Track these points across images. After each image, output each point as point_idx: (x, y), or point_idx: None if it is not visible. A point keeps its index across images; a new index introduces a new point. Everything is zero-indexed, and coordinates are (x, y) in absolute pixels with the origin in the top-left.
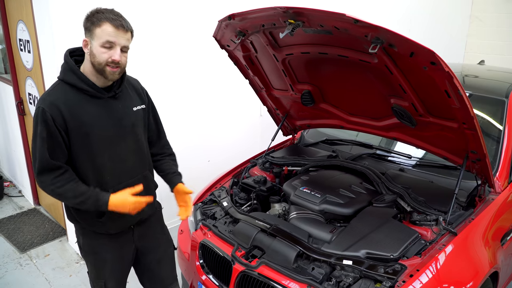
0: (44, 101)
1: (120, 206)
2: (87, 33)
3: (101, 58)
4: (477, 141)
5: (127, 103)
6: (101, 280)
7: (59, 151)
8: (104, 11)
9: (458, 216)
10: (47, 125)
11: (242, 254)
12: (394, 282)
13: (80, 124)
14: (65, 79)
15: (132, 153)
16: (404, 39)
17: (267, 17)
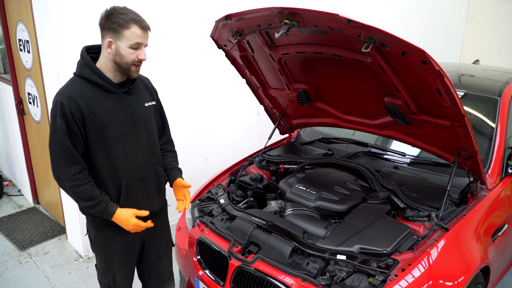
0: (62, 95)
1: (122, 222)
2: (110, 34)
3: (129, 58)
4: (469, 138)
5: (139, 99)
6: (110, 272)
7: (77, 144)
8: (127, 12)
9: (450, 212)
10: (66, 118)
11: (239, 250)
12: (386, 276)
13: (96, 117)
14: (82, 74)
15: (144, 147)
16: (395, 39)
17: (263, 17)
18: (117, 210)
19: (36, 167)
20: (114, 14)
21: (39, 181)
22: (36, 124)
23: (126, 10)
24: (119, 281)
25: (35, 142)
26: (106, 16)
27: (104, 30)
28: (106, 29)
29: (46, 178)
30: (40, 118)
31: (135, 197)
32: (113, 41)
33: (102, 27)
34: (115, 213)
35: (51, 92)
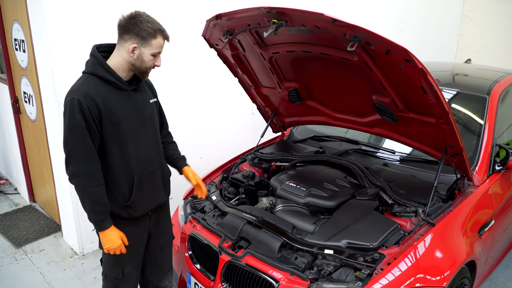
0: (78, 92)
1: (110, 239)
2: (137, 40)
3: (149, 64)
4: (454, 135)
5: (145, 96)
6: (119, 265)
7: (95, 141)
8: (153, 20)
9: (437, 208)
10: (85, 115)
11: (229, 245)
12: (372, 270)
13: (111, 114)
14: (94, 72)
15: (151, 142)
16: (379, 38)
17: (252, 17)
18: (110, 227)
19: (32, 166)
20: (142, 21)
21: (35, 179)
22: (31, 123)
23: (151, 19)
24: (128, 273)
25: (31, 141)
26: (132, 21)
27: (128, 34)
28: (132, 34)
29: (42, 177)
30: (36, 117)
31: (145, 190)
32: (137, 47)
33: (126, 30)
34: (109, 228)
35: (46, 91)
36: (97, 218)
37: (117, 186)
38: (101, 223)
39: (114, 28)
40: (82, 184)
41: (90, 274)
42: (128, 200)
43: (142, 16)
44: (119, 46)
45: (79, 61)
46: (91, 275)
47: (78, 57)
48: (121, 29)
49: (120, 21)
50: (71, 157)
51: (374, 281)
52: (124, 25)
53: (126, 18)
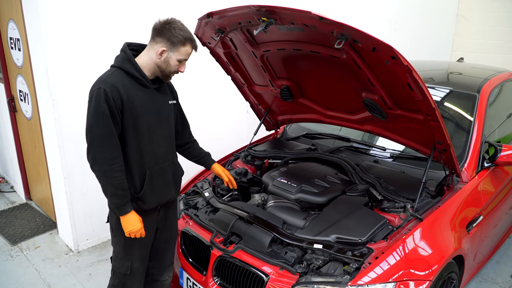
0: (105, 83)
1: (131, 222)
2: (167, 44)
3: (174, 68)
4: (441, 132)
5: (165, 96)
6: (128, 260)
7: (116, 129)
8: (185, 29)
9: (426, 203)
10: (109, 104)
11: (221, 241)
12: (360, 263)
13: (132, 107)
14: (122, 67)
15: (166, 140)
16: (365, 35)
17: (242, 15)
18: (132, 210)
19: (27, 164)
20: (176, 28)
21: (31, 177)
22: (27, 121)
23: (185, 27)
24: (136, 269)
25: (27, 139)
26: (166, 26)
27: (160, 37)
28: (164, 38)
29: (38, 175)
30: (31, 115)
31: (156, 185)
32: (166, 51)
33: (159, 33)
34: (130, 212)
35: (41, 89)
36: (119, 203)
37: (130, 177)
38: (123, 207)
39: (109, 27)
40: (105, 169)
41: (84, 270)
42: (139, 192)
43: (176, 23)
44: (149, 47)
45: (73, 59)
46: (85, 271)
47: (73, 55)
48: (155, 32)
49: (155, 24)
50: (94, 143)
51: (362, 274)
52: (158, 29)
53: (161, 22)
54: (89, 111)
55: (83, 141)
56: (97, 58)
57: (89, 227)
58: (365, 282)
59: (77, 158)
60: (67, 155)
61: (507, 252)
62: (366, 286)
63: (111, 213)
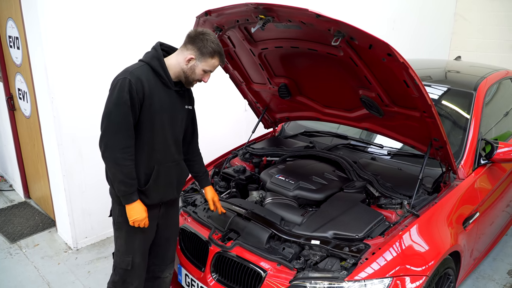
0: (132, 74)
1: (136, 211)
2: (196, 53)
3: (197, 77)
4: (437, 128)
5: (182, 100)
6: (129, 255)
7: (133, 120)
8: (217, 42)
9: (422, 200)
10: (131, 95)
11: (219, 237)
12: (357, 259)
13: (152, 102)
14: (150, 63)
15: (176, 141)
16: (362, 32)
17: (240, 12)
18: (138, 199)
19: (26, 162)
20: (208, 39)
21: (29, 176)
22: (26, 119)
23: (216, 41)
24: (137, 264)
25: (26, 137)
26: (200, 36)
27: (191, 45)
28: (195, 46)
29: (37, 173)
30: (30, 113)
31: (161, 182)
32: (194, 59)
33: (192, 41)
34: (136, 201)
35: (39, 88)
36: (126, 191)
37: (137, 170)
38: (130, 196)
39: (108, 26)
40: (116, 156)
41: (83, 268)
42: (143, 186)
43: (210, 36)
44: (179, 51)
45: (72, 58)
46: (84, 269)
47: (71, 54)
48: (188, 39)
49: (190, 32)
50: (110, 129)
51: (358, 270)
52: (192, 36)
53: (196, 31)
54: (110, 98)
55: (82, 139)
56: (96, 56)
57: (88, 225)
58: (362, 277)
59: (76, 156)
60: (66, 153)
61: (504, 249)
62: (363, 282)
63: (114, 206)
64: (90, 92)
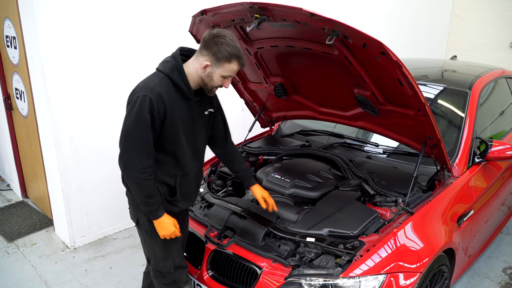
0: (153, 92)
1: (164, 226)
2: (211, 59)
3: (217, 84)
4: (431, 127)
5: (202, 107)
6: (169, 259)
7: (154, 137)
8: (234, 44)
9: (417, 198)
10: (153, 115)
11: (215, 235)
12: (352, 256)
13: (174, 119)
14: (171, 75)
15: (197, 150)
16: (355, 31)
17: (235, 12)
18: (164, 215)
19: (24, 162)
20: (223, 43)
21: (27, 175)
22: (23, 119)
23: (233, 43)
24: (178, 264)
25: (23, 137)
26: (214, 39)
27: (206, 50)
28: (209, 52)
29: (34, 173)
30: (27, 113)
31: (185, 192)
32: (210, 66)
33: (206, 46)
34: (162, 216)
35: (37, 87)
36: (150, 209)
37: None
38: (154, 212)
39: (105, 25)
40: (136, 176)
41: (81, 266)
42: (172, 197)
43: (225, 38)
44: (196, 57)
45: (69, 57)
46: (82, 267)
47: (68, 53)
48: (203, 43)
49: (204, 35)
50: (129, 149)
51: (353, 267)
52: (206, 41)
53: (210, 34)
54: (129, 116)
55: (79, 139)
56: (93, 56)
57: (85, 224)
58: (357, 274)
59: (73, 156)
60: (63, 153)
61: (499, 247)
62: (357, 278)
63: (139, 215)
64: (87, 91)
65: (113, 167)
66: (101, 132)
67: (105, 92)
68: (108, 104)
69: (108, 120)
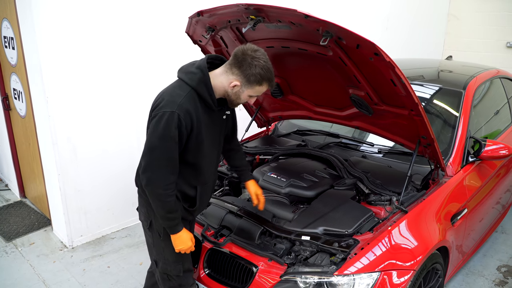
0: (181, 108)
1: (182, 240)
2: (241, 79)
3: (242, 101)
4: (425, 126)
5: (222, 113)
6: (179, 262)
7: (179, 151)
8: (267, 67)
9: (411, 196)
10: (180, 131)
11: (212, 234)
12: (346, 254)
13: (199, 132)
14: (197, 89)
15: (216, 158)
16: (348, 32)
17: (231, 13)
18: (183, 229)
19: (22, 162)
20: (257, 66)
21: (25, 175)
22: (21, 119)
23: (267, 65)
24: (187, 268)
25: (21, 137)
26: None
27: (238, 70)
28: (241, 72)
29: (32, 172)
30: (25, 113)
31: (204, 200)
32: (239, 86)
33: (238, 65)
34: (181, 231)
35: (35, 88)
36: (170, 224)
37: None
38: (174, 227)
39: (102, 26)
40: (158, 193)
41: (79, 266)
42: (192, 207)
43: (259, 60)
44: (224, 72)
45: (67, 58)
46: (79, 266)
47: (66, 54)
48: (235, 60)
49: (237, 51)
50: (154, 164)
51: (348, 265)
52: (239, 60)
53: (244, 52)
54: (155, 131)
55: (77, 138)
56: (91, 56)
57: (83, 224)
58: (351, 272)
59: (71, 155)
60: (61, 153)
61: (493, 246)
62: (352, 276)
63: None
64: (85, 92)
65: (111, 167)
66: (99, 132)
67: (103, 92)
68: (106, 104)
69: (106, 120)
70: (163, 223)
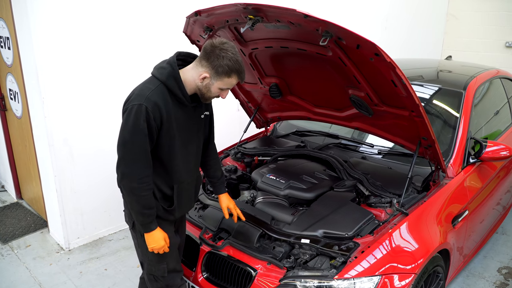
0: (148, 100)
1: (155, 239)
2: (210, 71)
3: (214, 95)
4: (426, 127)
5: (198, 111)
6: (163, 262)
7: (150, 146)
8: (235, 58)
9: (411, 198)
10: (149, 124)
11: (210, 237)
12: (347, 258)
13: (170, 127)
14: (167, 84)
15: (194, 156)
16: (349, 32)
17: (230, 13)
18: (156, 229)
19: (18, 163)
20: (225, 57)
21: (21, 176)
22: (17, 119)
23: (235, 57)
24: (172, 268)
25: (17, 138)
26: (216, 51)
27: (206, 61)
28: (209, 64)
29: (28, 174)
30: (21, 114)
31: (183, 199)
32: (208, 77)
33: (206, 57)
34: (154, 230)
35: (30, 88)
36: (144, 221)
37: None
38: (148, 225)
39: (98, 26)
40: (133, 187)
41: (75, 268)
42: (170, 206)
43: (227, 51)
44: (194, 66)
45: (63, 58)
46: (76, 269)
47: (62, 54)
48: (203, 53)
49: (206, 45)
50: (126, 158)
51: (348, 268)
52: (207, 52)
53: (213, 44)
54: (125, 126)
55: (73, 140)
56: (87, 56)
57: (80, 226)
58: (352, 275)
59: (67, 157)
60: (57, 154)
61: (494, 247)
62: (352, 280)
63: None
64: (81, 92)
65: (108, 168)
66: (95, 133)
67: (99, 93)
68: (103, 105)
69: (103, 121)
70: (137, 220)
